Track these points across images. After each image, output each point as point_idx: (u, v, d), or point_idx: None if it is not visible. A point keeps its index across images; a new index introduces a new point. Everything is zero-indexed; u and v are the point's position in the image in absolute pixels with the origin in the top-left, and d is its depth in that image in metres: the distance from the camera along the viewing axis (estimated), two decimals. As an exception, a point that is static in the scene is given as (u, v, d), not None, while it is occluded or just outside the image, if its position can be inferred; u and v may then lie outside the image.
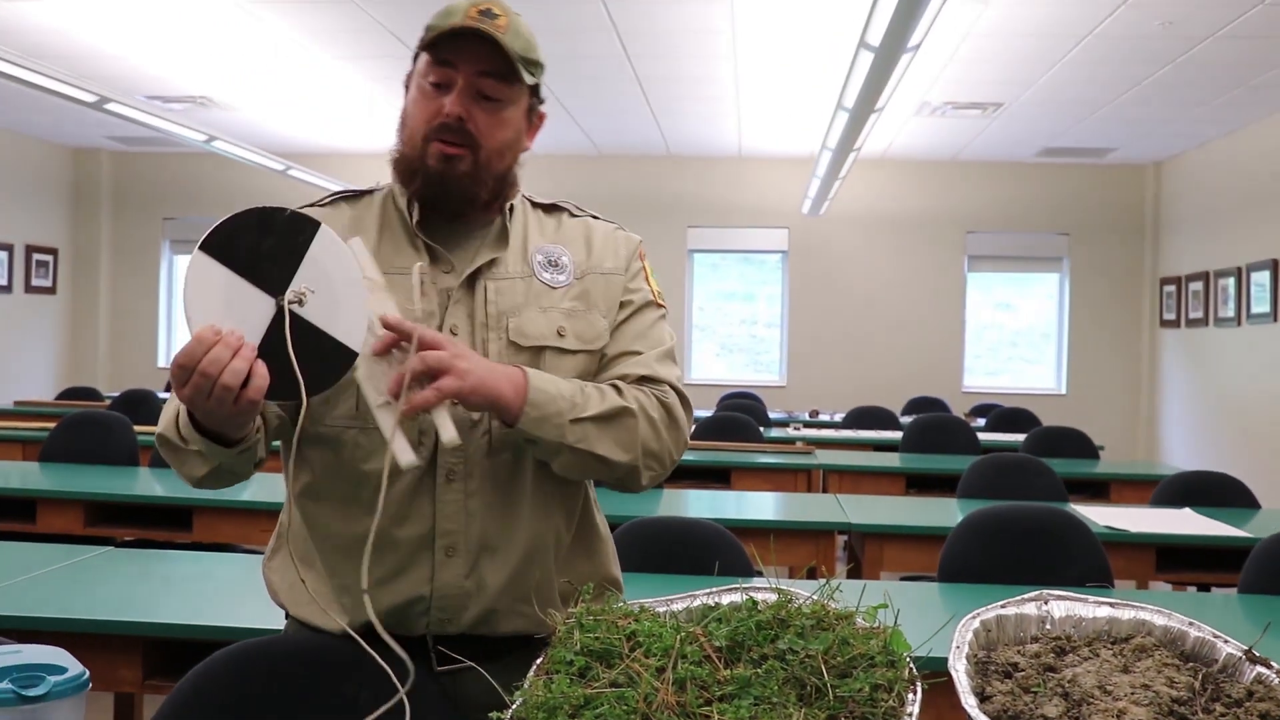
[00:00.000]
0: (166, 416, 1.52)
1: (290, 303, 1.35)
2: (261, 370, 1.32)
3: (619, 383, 1.61)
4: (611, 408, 1.56)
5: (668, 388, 1.65)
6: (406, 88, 1.65)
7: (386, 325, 1.41)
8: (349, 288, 1.39)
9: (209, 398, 1.31)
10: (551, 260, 1.67)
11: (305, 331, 1.36)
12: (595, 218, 1.77)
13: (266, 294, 1.35)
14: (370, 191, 1.72)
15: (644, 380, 1.64)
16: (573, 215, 1.76)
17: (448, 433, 1.41)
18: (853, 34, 4.84)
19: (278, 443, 1.67)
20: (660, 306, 1.75)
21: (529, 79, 1.60)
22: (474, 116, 1.57)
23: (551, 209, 1.76)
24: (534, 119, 1.69)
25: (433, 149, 1.57)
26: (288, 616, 1.70)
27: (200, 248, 1.34)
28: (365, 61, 7.07)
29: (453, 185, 1.57)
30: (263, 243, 1.36)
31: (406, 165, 1.61)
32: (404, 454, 1.39)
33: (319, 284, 1.37)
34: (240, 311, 1.34)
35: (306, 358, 1.35)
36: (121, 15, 6.23)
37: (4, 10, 6.13)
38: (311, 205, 1.70)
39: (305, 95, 8.14)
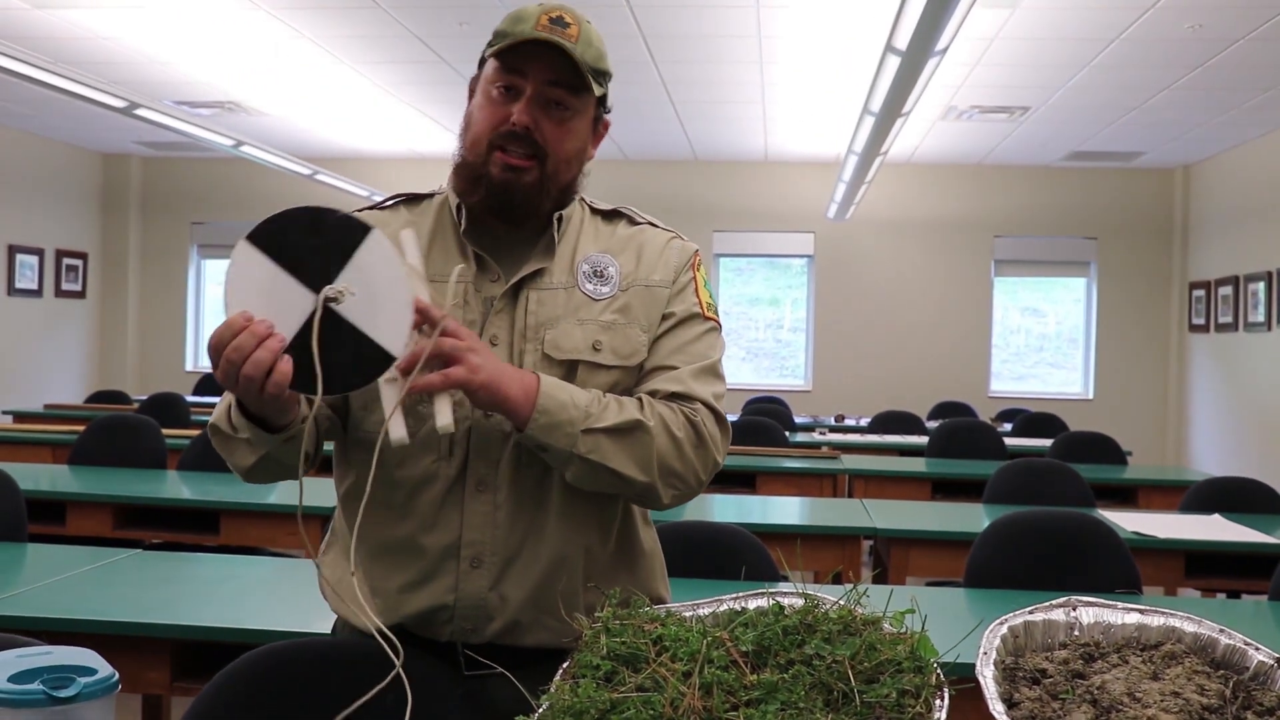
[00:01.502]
0: (220, 407, 1.53)
1: (329, 299, 1.34)
2: (284, 365, 1.31)
3: (644, 397, 1.58)
4: (626, 421, 1.52)
5: (699, 405, 1.59)
6: (471, 92, 1.64)
7: (417, 309, 1.39)
8: (394, 294, 1.38)
9: (236, 383, 1.32)
10: (597, 271, 1.64)
11: (344, 330, 1.35)
12: (654, 225, 1.73)
13: (307, 289, 1.35)
14: (430, 196, 1.71)
15: (675, 397, 1.59)
16: (632, 223, 1.73)
17: (443, 418, 1.41)
18: (879, 38, 4.84)
19: (329, 446, 1.70)
20: (709, 319, 1.68)
21: (597, 90, 1.58)
22: (541, 126, 1.55)
23: (611, 215, 1.73)
24: (599, 128, 1.68)
25: (496, 158, 1.55)
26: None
27: (247, 238, 1.34)
28: (392, 66, 7.10)
29: (518, 196, 1.56)
30: (310, 240, 1.36)
31: (469, 172, 1.59)
32: (396, 430, 1.39)
33: (362, 287, 1.36)
34: (279, 304, 1.33)
35: (342, 356, 1.35)
36: (150, 21, 6.28)
37: (35, 17, 6.19)
38: (373, 208, 1.71)
39: (332, 100, 8.19)
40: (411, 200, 1.71)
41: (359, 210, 1.71)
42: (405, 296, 1.38)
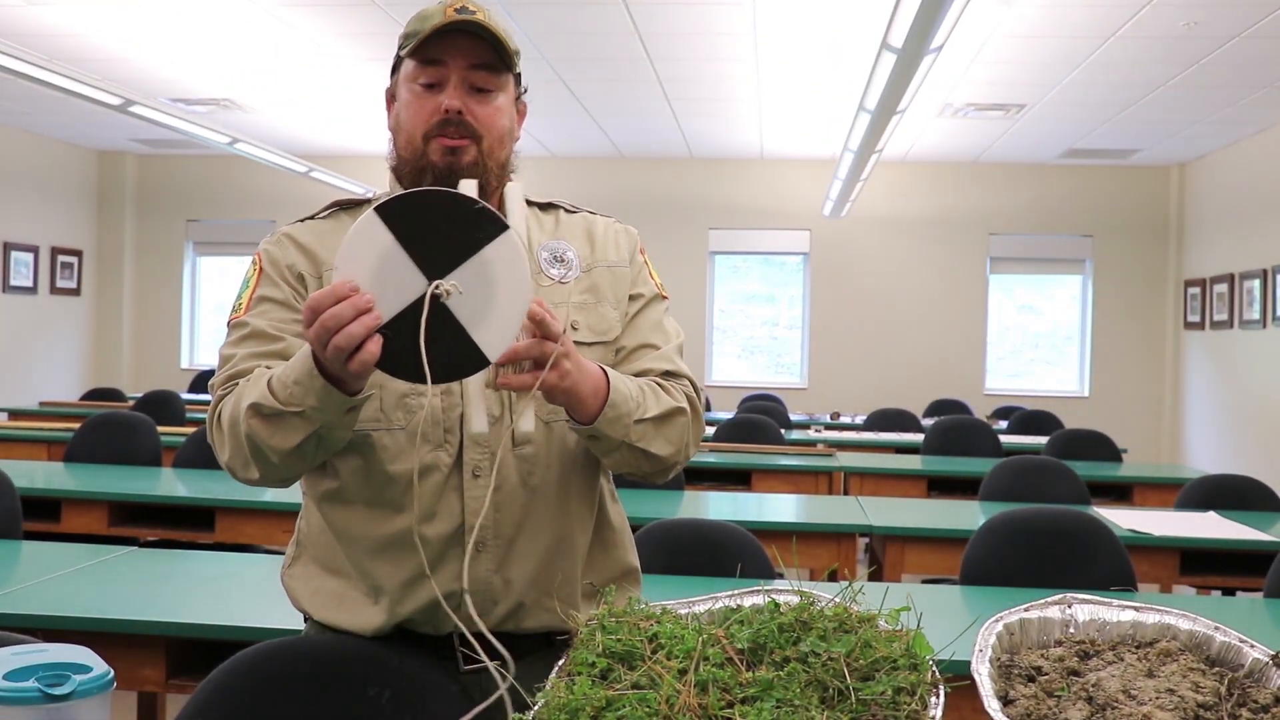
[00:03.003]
0: (258, 385, 1.47)
1: (435, 295, 1.32)
2: (373, 345, 1.30)
3: (658, 380, 1.64)
4: (668, 409, 1.59)
5: (686, 381, 1.68)
6: (389, 99, 1.68)
7: (532, 317, 1.36)
8: (509, 298, 1.34)
9: (325, 348, 1.31)
10: (557, 256, 1.69)
11: (446, 323, 1.33)
12: (591, 213, 1.79)
13: (421, 274, 1.32)
14: (367, 200, 1.70)
15: (667, 375, 1.67)
16: (569, 212, 1.78)
17: (528, 422, 1.44)
18: (875, 35, 4.83)
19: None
20: (665, 299, 1.78)
21: (514, 67, 1.64)
22: (471, 109, 1.59)
23: (546, 207, 1.77)
24: (519, 107, 1.72)
25: (434, 145, 1.58)
26: (307, 620, 1.70)
27: (376, 209, 1.32)
28: (387, 64, 7.06)
29: (463, 177, 1.56)
30: (441, 226, 1.33)
31: (411, 168, 1.61)
32: (478, 422, 1.41)
33: (479, 285, 1.33)
34: (388, 282, 1.31)
35: (437, 348, 1.32)
36: (144, 18, 6.27)
37: (30, 15, 6.18)
38: (310, 218, 1.71)
39: (327, 97, 8.18)
40: (349, 206, 1.71)
41: (300, 220, 1.70)
42: (521, 305, 1.35)
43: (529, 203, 1.75)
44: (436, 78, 1.60)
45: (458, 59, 1.59)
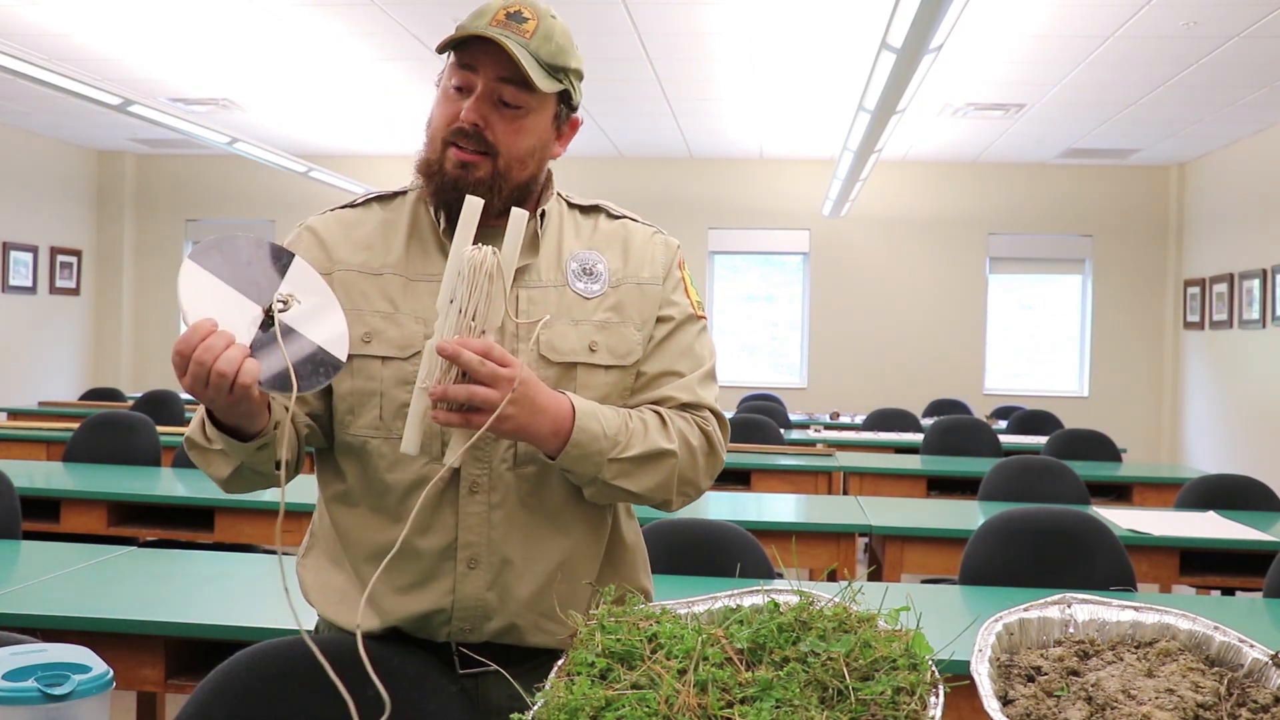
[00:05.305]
0: (194, 422, 1.55)
1: (278, 308, 1.43)
2: (252, 364, 1.35)
3: (664, 414, 1.59)
4: (653, 449, 1.54)
5: (708, 413, 1.63)
6: (438, 84, 1.62)
7: (440, 352, 1.37)
8: (326, 305, 1.49)
9: (207, 385, 1.33)
10: (586, 269, 1.62)
11: (294, 336, 1.43)
12: (634, 220, 1.72)
13: (253, 301, 1.43)
14: (403, 193, 1.69)
15: (686, 406, 1.61)
16: (611, 216, 1.71)
17: (451, 455, 1.43)
18: (874, 35, 4.83)
19: (311, 449, 1.69)
20: (701, 318, 1.70)
21: (552, 86, 1.54)
22: (491, 124, 1.53)
23: (589, 210, 1.72)
24: (564, 126, 1.65)
25: (450, 154, 1.55)
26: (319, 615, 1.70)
27: (190, 258, 1.43)
28: (386, 64, 7.09)
29: (468, 191, 1.52)
30: (247, 262, 1.45)
31: (427, 168, 1.58)
32: (408, 442, 1.42)
33: (308, 287, 1.48)
34: (230, 315, 1.40)
35: (295, 360, 1.42)
36: (144, 18, 6.27)
37: (29, 15, 6.17)
38: (346, 206, 1.70)
39: (327, 97, 8.17)
40: (385, 199, 1.70)
41: (331, 209, 1.70)
42: (335, 306, 1.50)
43: (570, 204, 1.71)
44: (466, 83, 1.54)
45: (488, 69, 1.52)
